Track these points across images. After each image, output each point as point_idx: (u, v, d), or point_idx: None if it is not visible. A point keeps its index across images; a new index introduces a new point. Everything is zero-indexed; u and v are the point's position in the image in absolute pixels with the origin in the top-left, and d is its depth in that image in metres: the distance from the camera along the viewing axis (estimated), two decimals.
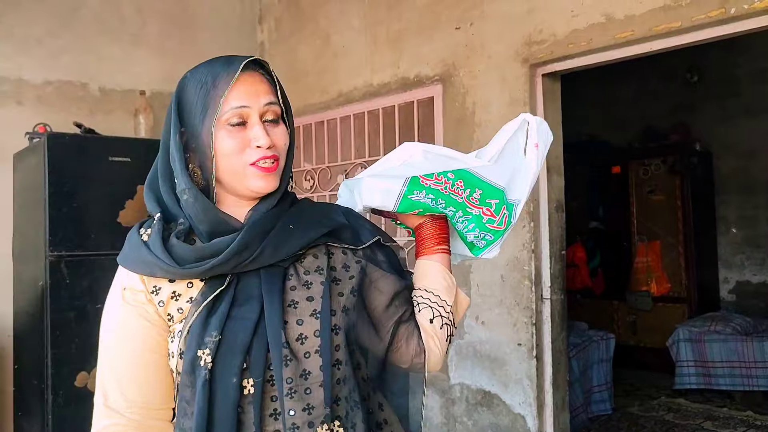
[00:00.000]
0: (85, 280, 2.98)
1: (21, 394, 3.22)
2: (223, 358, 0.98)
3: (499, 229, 1.22)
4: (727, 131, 5.94)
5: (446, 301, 1.17)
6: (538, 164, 1.24)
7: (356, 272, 1.12)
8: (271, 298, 1.02)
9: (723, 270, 6.11)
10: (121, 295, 1.08)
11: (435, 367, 1.15)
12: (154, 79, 3.85)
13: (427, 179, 1.18)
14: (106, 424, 1.05)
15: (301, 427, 0.99)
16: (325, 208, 1.20)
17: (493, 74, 3.00)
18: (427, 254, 1.20)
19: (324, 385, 1.01)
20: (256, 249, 1.03)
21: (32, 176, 3.06)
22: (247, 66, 1.06)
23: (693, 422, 4.47)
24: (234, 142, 1.03)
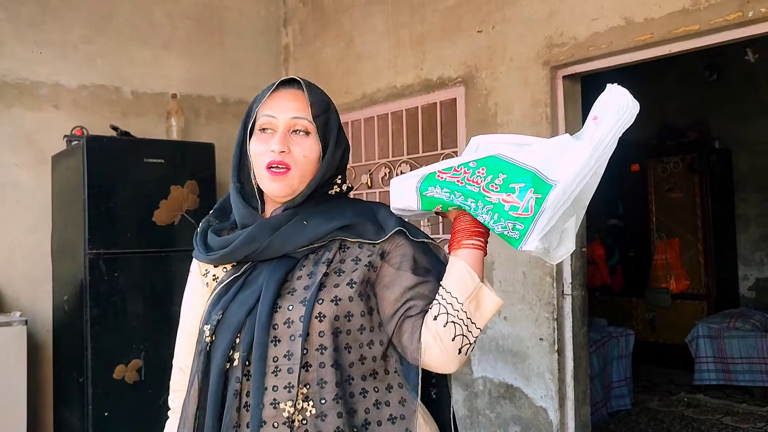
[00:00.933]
0: (122, 276, 3.11)
1: (60, 387, 3.35)
2: (220, 334, 1.14)
3: (526, 216, 1.06)
4: (746, 129, 5.96)
5: (456, 298, 1.12)
6: (592, 140, 1.05)
7: (362, 265, 1.16)
8: (268, 285, 1.14)
9: (742, 267, 6.13)
10: (189, 277, 1.32)
11: (440, 366, 1.15)
12: (183, 82, 3.97)
13: (444, 173, 1.13)
14: (174, 380, 1.30)
15: (281, 401, 1.09)
16: (355, 204, 1.26)
17: (514, 76, 3.08)
18: (455, 249, 1.17)
19: (299, 365, 1.09)
20: (263, 242, 1.16)
21: (71, 177, 3.19)
22: (287, 84, 1.22)
23: (712, 417, 4.52)
24: (259, 146, 1.19)
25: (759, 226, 6.05)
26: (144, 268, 3.18)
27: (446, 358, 1.13)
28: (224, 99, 4.17)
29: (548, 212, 1.06)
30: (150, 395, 3.13)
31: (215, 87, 4.13)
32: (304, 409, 1.09)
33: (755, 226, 6.08)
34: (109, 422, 3.02)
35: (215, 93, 4.13)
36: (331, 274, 1.15)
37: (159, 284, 3.22)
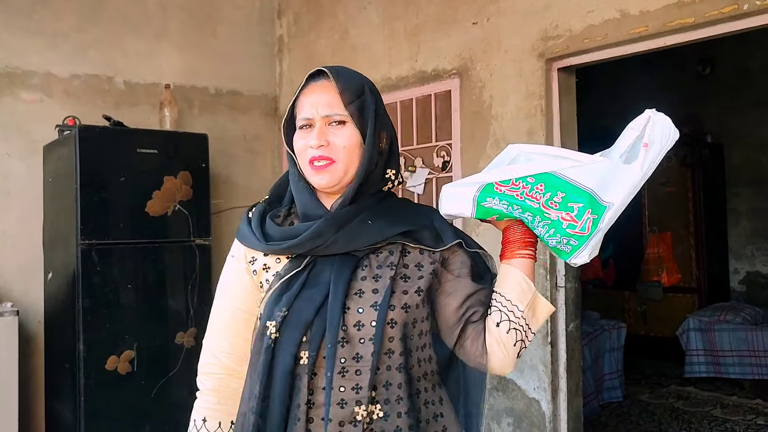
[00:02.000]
0: (114, 267, 3.09)
1: (52, 378, 3.34)
2: (286, 330, 1.14)
3: (582, 235, 1.15)
4: (739, 123, 5.98)
5: (517, 306, 1.19)
6: (643, 168, 1.15)
7: (427, 273, 1.20)
8: (336, 285, 1.15)
9: (733, 261, 6.17)
10: (229, 261, 1.30)
11: (501, 369, 1.21)
12: (176, 73, 3.94)
13: (503, 185, 1.18)
14: (204, 362, 1.30)
15: (349, 402, 1.11)
16: (413, 209, 1.32)
17: (509, 68, 3.08)
18: (508, 258, 1.23)
19: (371, 369, 1.12)
20: (330, 237, 1.17)
21: (63, 167, 3.16)
22: (316, 77, 1.22)
23: (702, 410, 4.56)
24: (300, 143, 1.22)
25: (750, 220, 6.09)
26: (137, 259, 3.17)
27: (507, 362, 1.20)
28: (218, 90, 4.14)
29: (601, 232, 1.16)
30: (143, 386, 3.12)
31: (209, 78, 4.10)
32: (371, 410, 1.12)
33: (746, 220, 6.11)
34: (101, 413, 3.01)
35: (209, 84, 4.10)
36: (398, 280, 1.18)
37: (152, 275, 3.20)
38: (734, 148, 6.08)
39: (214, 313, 1.30)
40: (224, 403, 1.26)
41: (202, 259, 3.35)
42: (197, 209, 3.35)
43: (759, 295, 5.93)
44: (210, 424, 1.26)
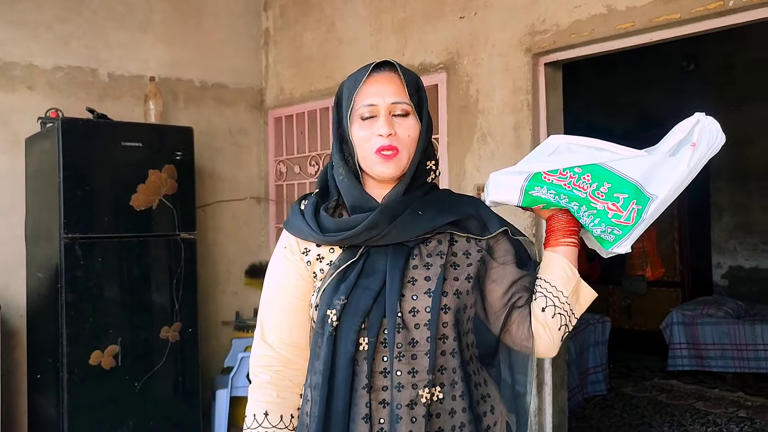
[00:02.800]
0: (98, 261, 3.07)
1: (35, 373, 3.30)
2: (346, 318, 1.18)
3: (627, 224, 1.20)
4: (722, 119, 5.89)
5: (562, 292, 1.24)
6: (689, 165, 1.20)
7: (475, 261, 1.26)
8: (392, 274, 1.19)
9: (716, 255, 6.23)
10: (282, 253, 1.32)
11: (546, 353, 1.26)
12: (161, 65, 3.90)
13: (550, 175, 1.22)
14: (260, 355, 1.30)
15: (406, 386, 1.16)
16: (458, 199, 1.36)
17: (496, 63, 3.08)
18: (553, 246, 1.27)
19: (429, 354, 1.17)
20: (384, 228, 1.21)
21: (45, 160, 3.13)
22: (380, 68, 1.26)
23: (685, 402, 4.61)
24: (364, 133, 1.24)
25: (733, 215, 6.15)
26: (121, 253, 3.14)
27: (552, 345, 1.25)
28: (203, 83, 4.11)
29: (645, 222, 1.21)
30: (127, 381, 3.10)
31: (194, 70, 4.06)
32: (433, 393, 1.17)
33: (729, 215, 6.18)
34: (84, 408, 2.98)
35: (194, 76, 4.07)
36: (448, 267, 1.23)
37: (136, 269, 3.18)
38: None
39: (268, 305, 1.31)
40: (284, 396, 1.28)
41: (187, 253, 3.32)
42: (182, 203, 3.32)
43: (741, 289, 5.99)
44: (272, 417, 1.27)
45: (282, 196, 4.31)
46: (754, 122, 5.84)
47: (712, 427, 4.11)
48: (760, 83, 5.78)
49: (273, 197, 4.35)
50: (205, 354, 3.69)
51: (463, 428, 1.20)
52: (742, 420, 4.22)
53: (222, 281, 4.16)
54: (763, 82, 5.77)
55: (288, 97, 4.24)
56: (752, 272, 6.02)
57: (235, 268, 4.22)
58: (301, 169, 4.16)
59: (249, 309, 4.18)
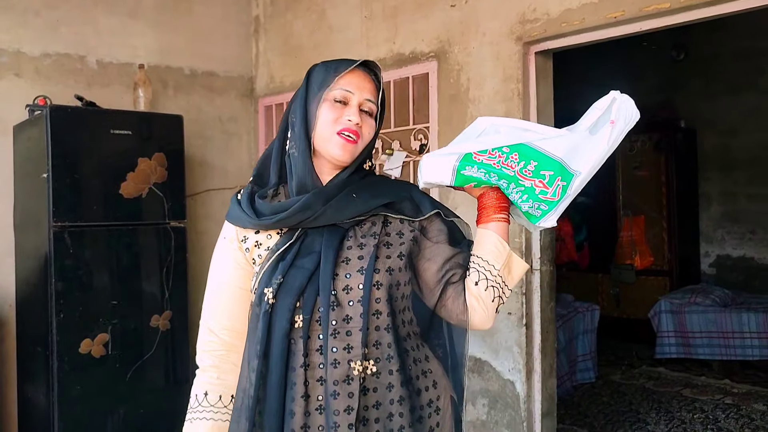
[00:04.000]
0: (88, 249, 3.05)
1: (24, 363, 3.30)
2: (282, 296, 1.24)
3: (552, 200, 1.26)
4: (711, 108, 6.07)
5: (494, 266, 1.29)
6: (609, 142, 1.26)
7: (408, 240, 1.32)
8: (327, 253, 1.25)
9: (704, 244, 6.28)
10: (222, 243, 1.38)
11: (481, 325, 1.31)
12: (150, 53, 3.87)
13: (480, 155, 1.27)
14: (204, 341, 1.37)
15: (342, 362, 1.21)
16: (392, 183, 1.43)
17: (487, 51, 3.07)
18: (485, 223, 1.32)
19: (362, 329, 1.22)
20: (318, 210, 1.26)
21: (34, 148, 3.10)
22: (364, 66, 1.34)
23: (672, 390, 4.66)
24: (332, 114, 1.29)
25: (721, 204, 6.20)
26: (110, 242, 3.13)
27: (487, 317, 1.30)
28: (192, 71, 4.08)
29: (569, 197, 1.27)
30: (117, 369, 3.10)
31: (183, 58, 4.04)
32: (365, 367, 1.22)
33: (717, 204, 6.22)
34: (75, 397, 2.98)
35: (183, 64, 4.04)
36: (381, 247, 1.28)
37: (126, 258, 3.17)
38: (706, 133, 6.17)
39: (211, 293, 1.37)
40: (224, 378, 1.34)
41: (177, 241, 3.31)
42: (172, 191, 3.31)
43: (728, 278, 6.05)
44: (211, 397, 1.33)
45: None
46: (742, 112, 5.88)
47: (698, 413, 4.16)
48: (747, 73, 5.82)
49: None
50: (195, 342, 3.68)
51: (402, 402, 1.24)
52: (728, 407, 4.27)
53: None
54: (750, 71, 5.80)
55: (278, 85, 4.22)
56: (739, 261, 6.08)
57: None
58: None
59: None
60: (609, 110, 1.28)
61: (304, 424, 1.22)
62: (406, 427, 1.24)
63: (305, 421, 1.22)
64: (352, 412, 1.19)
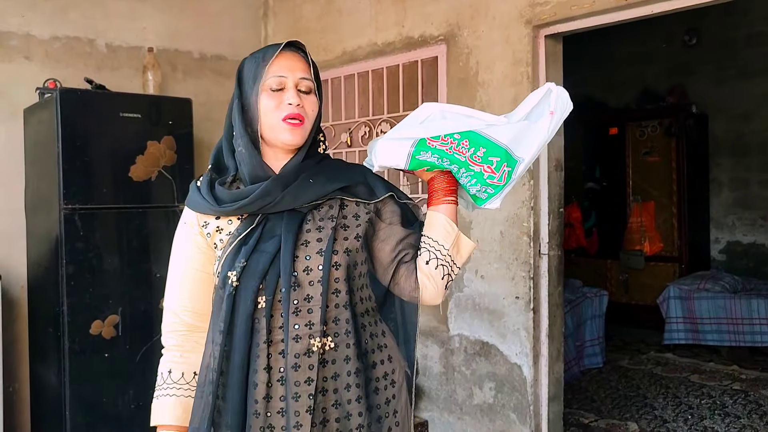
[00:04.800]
0: (98, 232, 3.08)
1: (36, 343, 3.34)
2: (245, 279, 1.29)
3: (499, 185, 1.35)
4: (723, 94, 6.01)
5: (444, 246, 1.37)
6: (549, 130, 1.35)
7: (363, 221, 1.38)
8: (287, 237, 1.30)
9: (714, 230, 6.25)
10: (182, 228, 1.42)
11: (431, 300, 1.39)
12: (159, 36, 3.87)
13: (434, 141, 1.34)
14: (167, 322, 1.42)
15: (303, 337, 1.28)
16: (347, 167, 1.47)
17: (496, 35, 3.06)
18: (435, 205, 1.40)
19: (321, 307, 1.29)
20: (277, 195, 1.31)
21: (44, 131, 3.12)
22: (288, 47, 1.37)
23: (680, 375, 4.66)
24: (272, 102, 1.33)
25: (732, 190, 6.16)
26: (120, 224, 3.15)
27: (437, 293, 1.38)
28: (202, 54, 4.08)
29: (514, 182, 1.37)
30: (128, 350, 3.13)
31: (193, 42, 4.03)
32: (324, 342, 1.29)
33: (728, 190, 6.18)
34: (85, 377, 3.02)
35: (192, 48, 4.04)
36: (339, 229, 1.34)
37: (135, 240, 3.19)
38: (718, 118, 6.11)
39: (173, 276, 1.42)
40: (187, 357, 1.39)
41: None
42: (181, 175, 3.32)
43: (738, 264, 6.02)
44: (174, 375, 1.39)
45: None
46: (754, 97, 5.83)
47: (706, 399, 4.16)
48: (761, 58, 5.75)
49: None
50: None
51: (358, 374, 1.32)
52: (736, 393, 4.27)
53: None
54: (764, 56, 5.74)
55: None
56: (750, 247, 6.04)
57: None
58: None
59: None
60: (547, 101, 1.36)
61: (267, 395, 1.28)
62: (363, 398, 1.33)
63: (267, 391, 1.28)
64: (312, 383, 1.27)
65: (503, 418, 3.09)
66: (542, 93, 1.37)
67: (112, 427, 3.09)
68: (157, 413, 1.38)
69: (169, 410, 1.36)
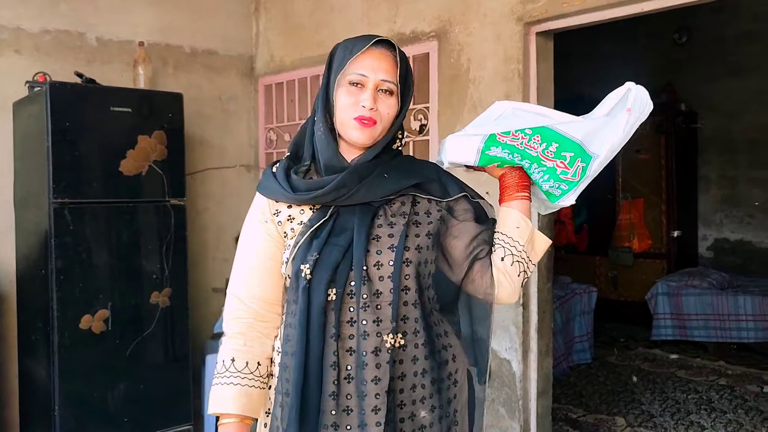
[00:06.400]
0: (88, 226, 3.06)
1: (25, 338, 3.32)
2: (318, 272, 1.28)
3: (573, 180, 1.32)
4: (712, 92, 6.05)
5: (518, 242, 1.35)
6: (626, 128, 1.31)
7: (435, 219, 1.37)
8: (359, 231, 1.30)
9: (702, 227, 6.30)
10: (254, 215, 1.41)
11: (508, 299, 1.37)
12: (150, 31, 3.85)
13: (504, 136, 1.32)
14: (231, 308, 1.40)
15: (371, 334, 1.27)
16: (420, 164, 1.47)
17: (487, 32, 3.07)
18: (507, 201, 1.38)
19: (392, 303, 1.28)
20: (353, 188, 1.31)
21: (34, 125, 3.10)
22: (379, 44, 1.35)
23: (667, 371, 4.71)
24: (348, 98, 1.33)
25: (720, 187, 6.20)
26: (110, 219, 3.14)
27: (513, 291, 1.36)
28: (193, 49, 4.07)
29: (588, 178, 1.32)
30: (117, 345, 3.13)
31: (184, 36, 4.02)
32: (395, 340, 1.27)
33: (716, 187, 6.23)
34: (75, 372, 3.01)
35: (184, 43, 4.03)
36: (411, 225, 1.34)
37: (126, 235, 3.18)
38: (707, 116, 6.15)
39: (241, 263, 1.40)
40: (251, 345, 1.37)
41: (176, 219, 3.32)
42: (172, 169, 3.31)
43: (725, 261, 6.08)
44: (238, 363, 1.36)
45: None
46: (744, 95, 5.87)
47: (692, 394, 4.20)
48: (751, 56, 5.79)
49: (263, 165, 4.35)
50: (195, 321, 3.71)
51: (425, 374, 1.31)
52: (723, 388, 4.32)
53: (211, 248, 4.17)
54: (754, 54, 5.78)
55: (278, 64, 4.21)
56: (737, 245, 6.10)
57: (225, 235, 4.23)
58: (291, 137, 4.15)
59: None
60: (625, 99, 1.33)
61: (333, 392, 1.26)
62: (427, 398, 1.31)
63: (334, 389, 1.27)
64: (380, 382, 1.25)
65: (492, 412, 3.11)
66: (622, 93, 1.35)
67: (101, 421, 3.09)
68: (220, 401, 1.34)
69: (234, 399, 1.33)
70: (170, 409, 3.30)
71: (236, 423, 1.33)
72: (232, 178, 4.27)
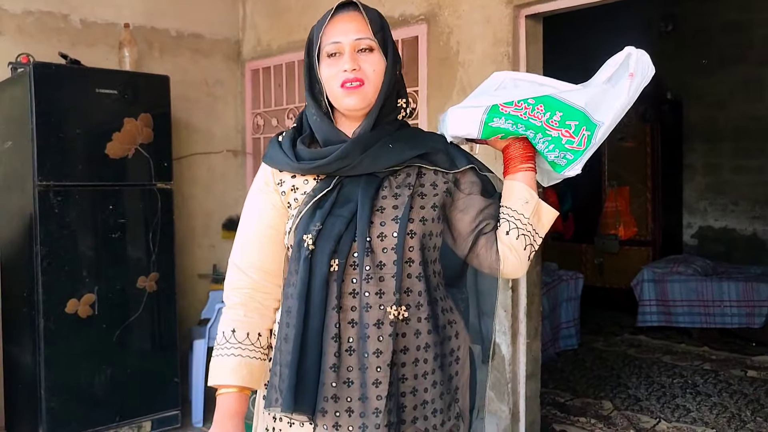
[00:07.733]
0: (73, 209, 3.03)
1: (10, 323, 3.28)
2: (321, 242, 1.26)
3: (578, 149, 1.29)
4: (697, 81, 6.09)
5: (523, 214, 1.32)
6: (629, 93, 1.28)
7: (441, 191, 1.34)
8: (363, 201, 1.27)
9: (687, 215, 6.36)
10: (258, 185, 1.40)
11: (514, 273, 1.35)
12: (135, 13, 3.80)
13: (507, 107, 1.29)
14: (232, 279, 1.38)
15: (373, 306, 1.25)
16: (427, 135, 1.44)
17: (477, 14, 3.05)
18: (512, 173, 1.35)
19: (396, 275, 1.25)
20: (356, 158, 1.29)
21: (17, 107, 3.06)
22: (344, 7, 1.32)
23: (652, 356, 4.75)
24: (330, 69, 1.30)
25: (705, 176, 6.26)
26: (96, 202, 3.11)
27: (520, 265, 1.34)
28: (179, 32, 4.02)
29: (594, 146, 1.29)
30: (104, 329, 3.10)
31: (169, 19, 3.97)
32: (398, 312, 1.24)
33: (701, 176, 6.28)
34: (61, 357, 2.98)
35: (169, 26, 3.98)
36: (416, 197, 1.31)
37: (112, 218, 3.15)
38: (692, 105, 6.20)
39: (243, 232, 1.39)
40: (251, 316, 1.35)
41: (163, 203, 3.30)
42: (158, 153, 3.28)
43: (710, 248, 6.14)
44: (239, 334, 1.34)
45: (259, 150, 4.27)
46: (728, 84, 5.92)
47: (678, 378, 4.24)
48: (734, 46, 5.84)
49: (250, 150, 4.32)
50: (182, 306, 3.69)
51: (427, 349, 1.29)
52: (707, 372, 4.36)
53: (198, 234, 4.14)
54: (737, 44, 5.83)
55: (265, 48, 4.17)
56: (721, 232, 6.16)
57: (212, 221, 4.20)
58: (278, 122, 4.13)
59: (226, 262, 4.09)
60: (626, 64, 1.30)
61: (334, 365, 1.24)
62: (429, 373, 1.29)
63: (335, 361, 1.24)
64: (381, 354, 1.23)
65: None
66: (622, 58, 1.31)
67: (88, 407, 3.07)
68: (220, 373, 1.32)
69: (234, 370, 1.31)
70: (157, 394, 3.29)
71: (234, 393, 1.31)
72: (218, 163, 4.23)
